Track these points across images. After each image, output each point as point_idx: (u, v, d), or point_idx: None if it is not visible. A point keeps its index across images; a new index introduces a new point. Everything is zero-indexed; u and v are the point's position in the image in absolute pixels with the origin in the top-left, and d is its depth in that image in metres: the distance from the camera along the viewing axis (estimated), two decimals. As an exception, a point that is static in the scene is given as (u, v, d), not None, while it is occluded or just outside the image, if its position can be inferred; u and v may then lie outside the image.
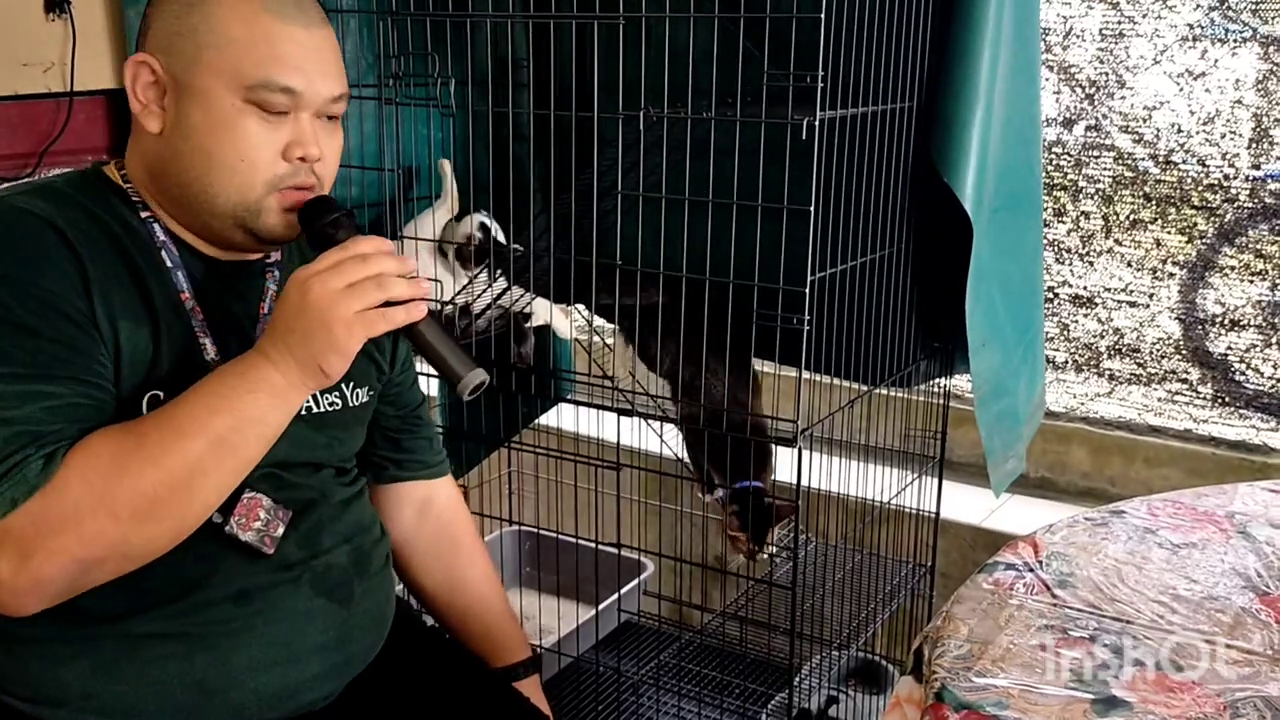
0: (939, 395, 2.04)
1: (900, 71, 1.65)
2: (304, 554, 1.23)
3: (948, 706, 0.96)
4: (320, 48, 1.17)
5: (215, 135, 1.13)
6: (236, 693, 1.17)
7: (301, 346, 1.07)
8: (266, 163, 1.15)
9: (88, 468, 1.02)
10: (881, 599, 2.03)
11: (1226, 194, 2.19)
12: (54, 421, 1.03)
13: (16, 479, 1.00)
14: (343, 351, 1.07)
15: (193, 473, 1.04)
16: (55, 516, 1.00)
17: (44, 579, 1.02)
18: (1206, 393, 2.28)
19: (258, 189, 1.15)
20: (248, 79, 1.12)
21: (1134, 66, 2.23)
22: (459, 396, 1.15)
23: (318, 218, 1.15)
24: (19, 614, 1.05)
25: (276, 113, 1.14)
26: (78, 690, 1.12)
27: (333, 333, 1.06)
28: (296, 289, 1.07)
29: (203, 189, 1.15)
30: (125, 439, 1.04)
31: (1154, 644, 1.06)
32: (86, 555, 1.02)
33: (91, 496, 1.01)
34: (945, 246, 1.78)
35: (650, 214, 1.64)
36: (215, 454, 1.05)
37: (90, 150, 1.81)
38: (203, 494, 1.07)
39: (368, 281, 1.07)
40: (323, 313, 1.06)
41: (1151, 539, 1.28)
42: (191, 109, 1.13)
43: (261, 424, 1.08)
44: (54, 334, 1.06)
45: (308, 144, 1.16)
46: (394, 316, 1.08)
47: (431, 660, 1.42)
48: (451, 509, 1.55)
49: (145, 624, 1.13)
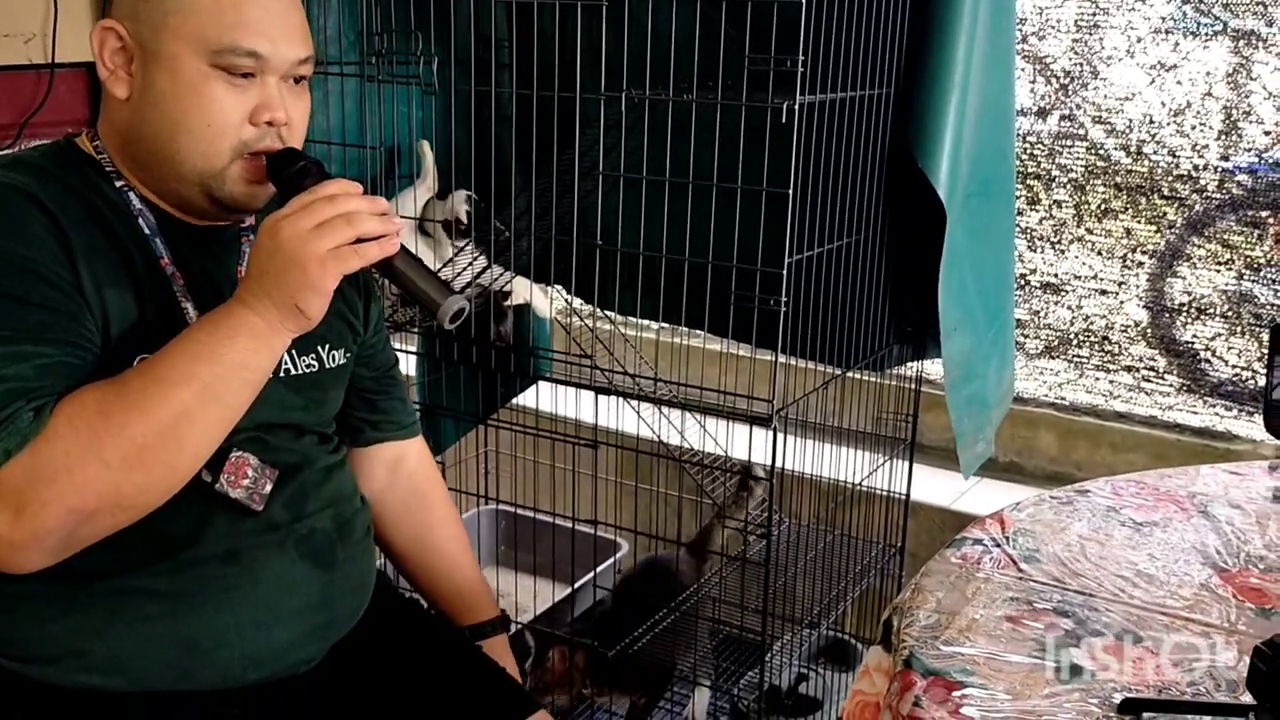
0: (910, 379, 2.07)
1: (878, 58, 1.67)
2: (289, 516, 1.25)
3: (915, 673, 0.99)
4: (285, 10, 1.18)
5: (182, 101, 1.14)
6: (223, 652, 1.19)
7: (277, 289, 1.08)
8: (233, 127, 1.16)
9: (76, 417, 1.03)
10: (851, 578, 2.07)
11: (1195, 185, 2.23)
12: (43, 379, 1.05)
13: (9, 430, 1.02)
14: (319, 289, 1.08)
15: (179, 419, 1.06)
16: (47, 466, 1.02)
17: (41, 531, 1.03)
18: (1173, 380, 2.33)
19: (225, 154, 1.16)
20: (213, 44, 1.13)
21: (1107, 58, 2.26)
22: (439, 324, 1.15)
23: (285, 167, 1.16)
24: (21, 570, 1.06)
25: (243, 75, 1.15)
26: (68, 648, 1.14)
27: (307, 271, 1.06)
28: (267, 234, 1.08)
29: (170, 154, 1.16)
30: (110, 389, 1.06)
31: (1115, 616, 1.10)
32: (80, 504, 1.04)
33: (80, 445, 1.03)
34: (919, 232, 1.81)
35: (630, 195, 1.66)
36: (201, 400, 1.07)
37: (71, 122, 1.80)
38: (192, 442, 1.08)
39: (338, 219, 1.07)
40: (295, 252, 1.06)
41: (1115, 517, 1.31)
42: (158, 74, 1.14)
43: (245, 368, 1.09)
44: (41, 300, 1.07)
45: (274, 107, 1.17)
46: (367, 252, 1.09)
47: (411, 628, 1.45)
48: (423, 469, 1.57)
49: (135, 581, 1.15)
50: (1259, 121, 2.14)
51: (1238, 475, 1.45)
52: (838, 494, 2.01)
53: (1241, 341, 2.25)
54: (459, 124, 1.88)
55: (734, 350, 1.92)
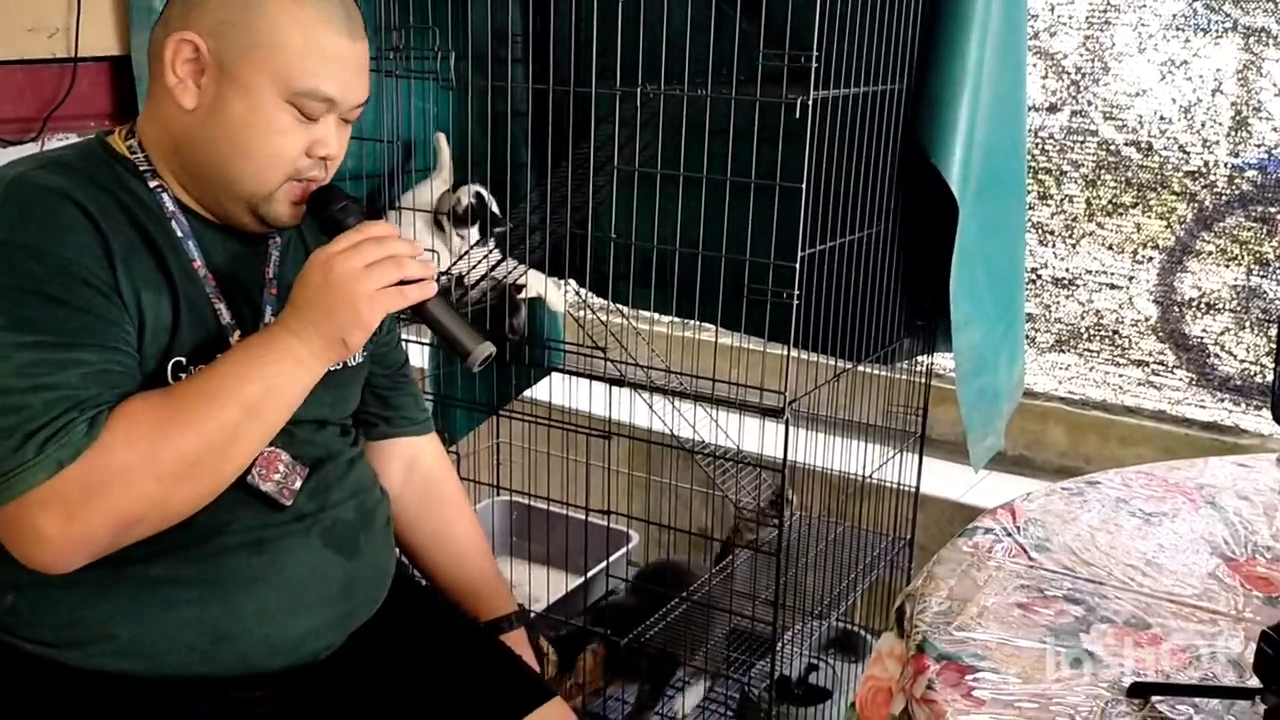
0: (921, 373, 2.09)
1: (891, 53, 1.69)
2: (314, 506, 1.28)
3: (928, 657, 1.01)
4: (360, 59, 1.24)
5: (252, 130, 1.18)
6: (247, 639, 1.22)
7: (326, 322, 1.14)
8: (292, 158, 1.21)
9: (131, 432, 1.07)
10: (861, 570, 2.08)
11: (1205, 181, 2.24)
12: (90, 387, 1.08)
13: (63, 442, 1.04)
14: (366, 325, 1.15)
15: (228, 436, 1.11)
16: (101, 478, 1.06)
17: (87, 537, 1.07)
18: (1182, 374, 2.34)
19: (277, 180, 1.21)
20: (294, 85, 1.18)
21: (1118, 54, 2.28)
22: (468, 369, 1.20)
23: (328, 205, 1.22)
24: (58, 571, 1.09)
25: (311, 118, 1.20)
26: (96, 632, 1.17)
27: (356, 309, 1.13)
28: (319, 269, 1.14)
29: (225, 173, 1.20)
30: (163, 404, 1.10)
31: (1124, 604, 1.11)
32: (129, 514, 1.08)
33: (135, 459, 1.07)
34: (930, 226, 1.83)
35: (643, 190, 1.68)
36: (247, 419, 1.12)
37: (94, 116, 1.82)
38: (236, 455, 1.14)
39: (386, 261, 1.14)
40: (346, 290, 1.13)
41: (1124, 508, 1.33)
42: (233, 98, 1.18)
43: (287, 391, 1.15)
44: (81, 304, 1.10)
45: (330, 145, 1.23)
46: (409, 294, 1.16)
47: (428, 617, 1.47)
48: (438, 466, 1.60)
49: (163, 568, 1.18)
50: (1268, 118, 2.16)
51: (1245, 467, 1.46)
52: (847, 486, 2.03)
53: (1250, 336, 2.26)
54: (474, 119, 1.90)
55: (744, 344, 1.93)
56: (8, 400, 1.05)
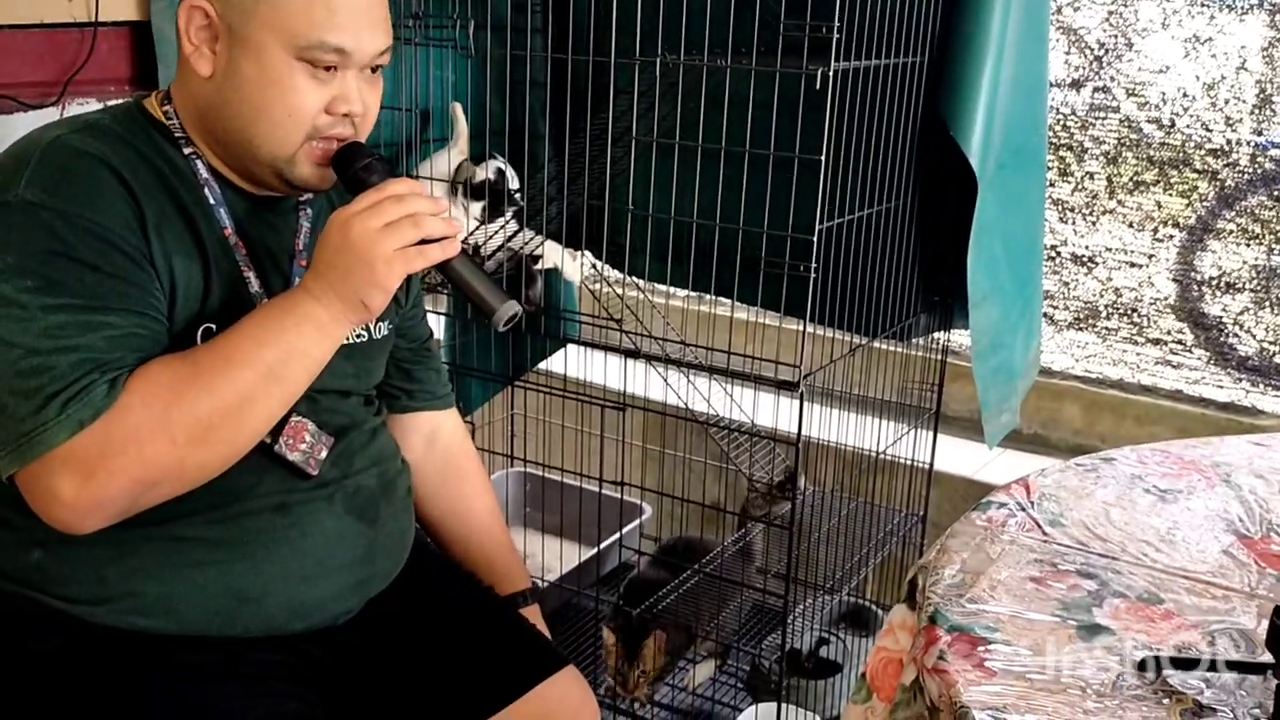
0: (936, 349, 2.08)
1: (912, 25, 1.67)
2: (337, 473, 1.29)
3: (940, 628, 1.01)
4: (370, 6, 1.21)
5: (266, 90, 1.17)
6: (269, 601, 1.23)
7: (344, 283, 1.12)
8: (310, 116, 1.19)
9: (148, 393, 1.08)
10: (873, 545, 2.08)
11: (1227, 159, 2.22)
12: (115, 350, 1.09)
13: (84, 402, 1.05)
14: (384, 287, 1.13)
15: (244, 400, 1.11)
16: (118, 439, 1.06)
17: (104, 499, 1.08)
18: (1200, 354, 2.33)
19: (298, 140, 1.20)
20: (301, 38, 1.16)
21: (1142, 30, 2.25)
22: (494, 328, 1.19)
23: (351, 163, 1.20)
24: (78, 532, 1.10)
25: (326, 67, 1.18)
26: (120, 589, 1.18)
27: (374, 270, 1.11)
28: (337, 229, 1.13)
29: (248, 136, 1.20)
30: (181, 367, 1.10)
31: (1137, 579, 1.11)
32: (145, 476, 1.08)
33: (152, 420, 1.07)
34: (948, 201, 1.82)
35: (660, 162, 1.67)
36: (264, 383, 1.12)
37: (113, 81, 1.83)
38: (253, 421, 1.14)
39: (404, 220, 1.12)
40: (364, 251, 1.11)
41: (1139, 484, 1.32)
42: (244, 60, 1.17)
43: (306, 356, 1.14)
44: (112, 269, 1.11)
45: (352, 100, 1.20)
46: (430, 253, 1.14)
47: (444, 586, 1.48)
48: (457, 440, 1.60)
49: (189, 528, 1.19)
50: (1294, 96, 2.14)
51: (1262, 446, 1.45)
52: (861, 462, 2.03)
53: (1270, 316, 2.24)
54: (492, 88, 1.89)
55: (759, 319, 1.93)
56: (34, 361, 1.06)
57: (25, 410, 1.06)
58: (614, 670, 1.91)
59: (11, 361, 1.06)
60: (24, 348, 1.06)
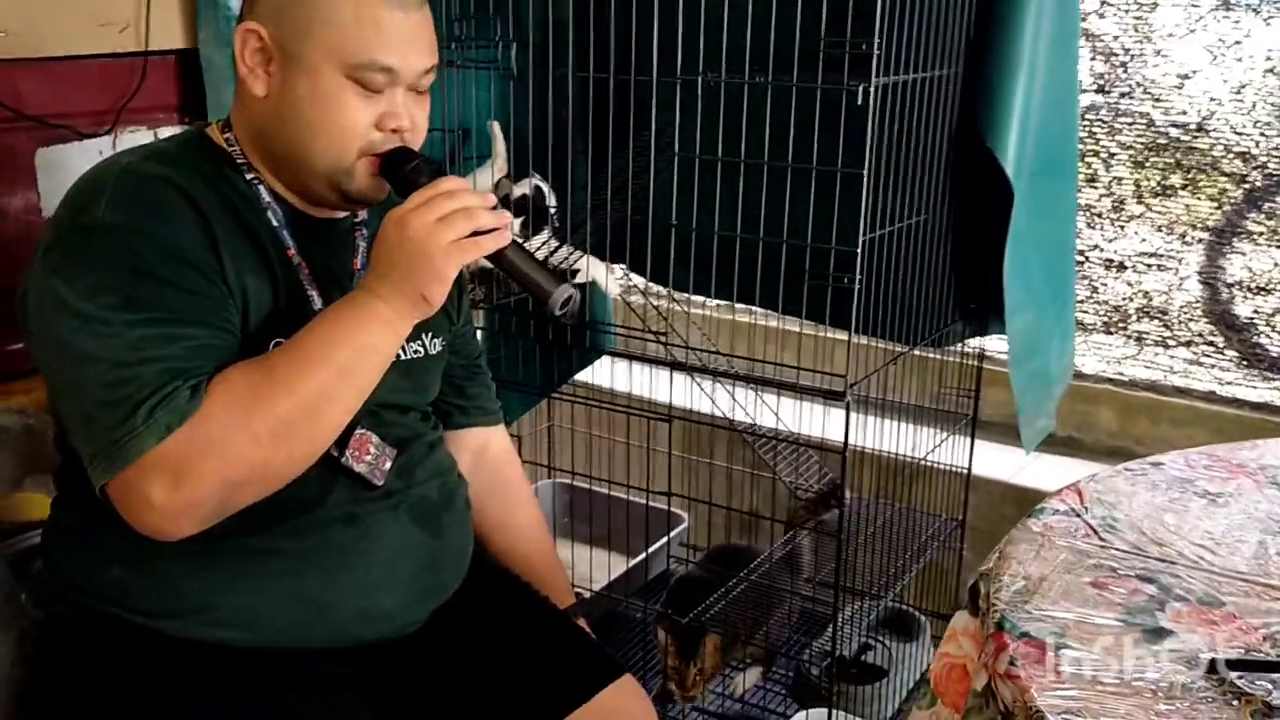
0: (971, 356, 2.10)
1: (946, 38, 1.70)
2: (401, 484, 1.33)
3: (1008, 634, 1.03)
4: (419, 26, 1.25)
5: (318, 107, 1.21)
6: (341, 610, 1.27)
7: (404, 279, 1.16)
8: (362, 132, 1.23)
9: (229, 397, 1.12)
10: (915, 551, 2.11)
11: (1255, 162, 2.24)
12: (194, 359, 1.13)
13: (169, 408, 1.09)
14: (442, 279, 1.16)
15: (320, 398, 1.15)
16: (203, 441, 1.10)
17: (195, 501, 1.11)
18: (1231, 355, 2.34)
19: (352, 155, 1.23)
20: (351, 58, 1.20)
21: (1168, 34, 2.27)
22: (549, 313, 1.22)
23: (400, 166, 1.24)
24: (170, 537, 1.13)
25: (374, 90, 1.22)
26: (198, 603, 1.22)
27: (432, 261, 1.15)
28: (394, 226, 1.16)
29: (303, 153, 1.24)
30: (258, 371, 1.14)
31: (1196, 582, 1.13)
32: (232, 476, 1.12)
33: (235, 422, 1.11)
34: (983, 210, 1.84)
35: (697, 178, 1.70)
36: (338, 380, 1.16)
37: (162, 108, 1.87)
38: (330, 417, 1.17)
39: (457, 213, 1.15)
40: (422, 244, 1.15)
41: (1189, 488, 1.35)
42: (297, 80, 1.21)
43: (374, 351, 1.18)
44: (188, 284, 1.15)
45: (400, 117, 1.24)
46: (484, 244, 1.17)
47: (502, 596, 1.51)
48: (505, 456, 1.64)
49: (262, 541, 1.23)
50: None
51: (1307, 448, 1.47)
52: (899, 469, 2.05)
53: (1302, 317, 2.26)
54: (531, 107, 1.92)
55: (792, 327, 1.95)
56: (121, 373, 1.10)
57: (114, 419, 1.09)
58: (670, 669, 1.93)
59: (98, 375, 1.11)
60: (110, 361, 1.10)
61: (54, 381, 1.18)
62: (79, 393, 1.13)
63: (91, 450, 1.12)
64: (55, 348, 1.14)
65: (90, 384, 1.11)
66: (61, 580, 1.28)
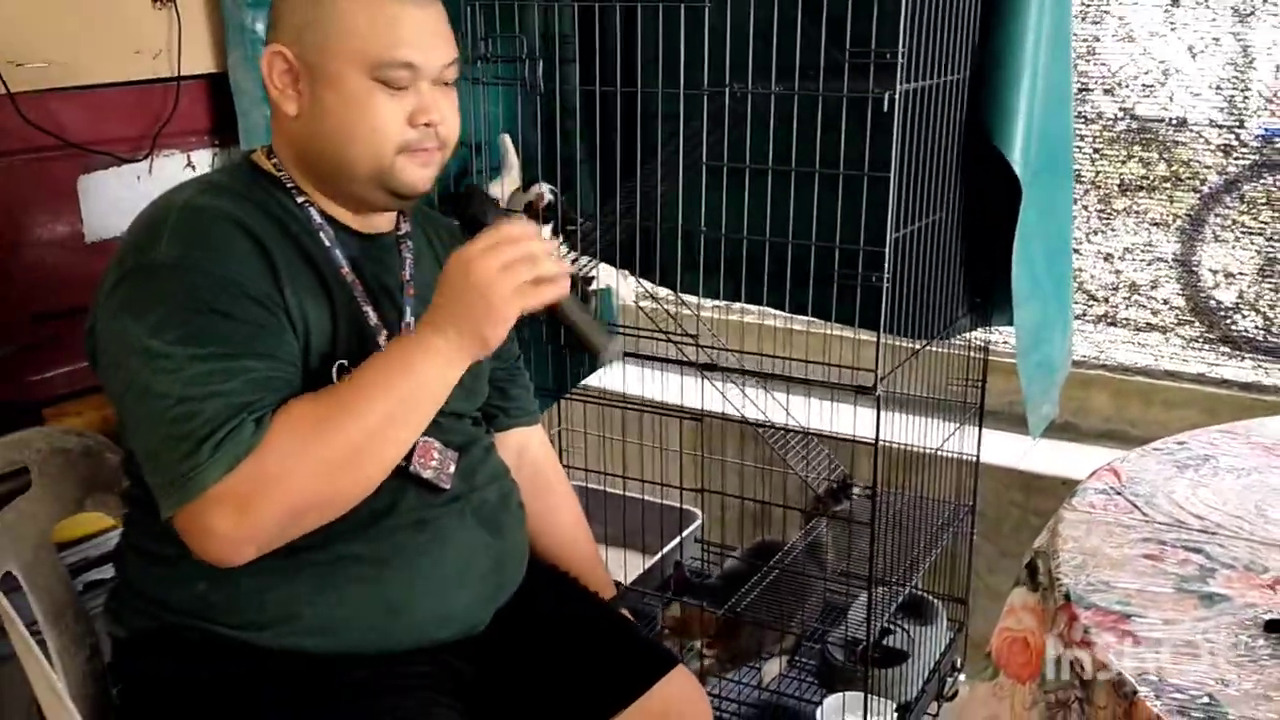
0: (976, 348, 2.18)
1: (958, 44, 1.78)
2: (464, 488, 1.38)
3: (1076, 606, 1.10)
4: (434, 21, 1.31)
5: (349, 113, 1.26)
6: (419, 613, 1.32)
7: (466, 320, 1.21)
8: (396, 130, 1.28)
9: (293, 428, 1.16)
10: (930, 538, 2.18)
11: (1233, 153, 2.34)
12: (256, 392, 1.17)
13: (235, 441, 1.13)
14: (503, 323, 1.21)
15: (380, 429, 1.19)
16: (268, 472, 1.14)
17: (258, 530, 1.16)
18: (1216, 338, 2.45)
19: (390, 153, 1.28)
20: (373, 60, 1.25)
21: (1150, 33, 2.37)
22: (598, 365, 1.28)
23: (468, 205, 1.33)
24: (232, 565, 1.18)
25: (400, 87, 1.27)
26: (283, 613, 1.26)
27: (493, 307, 1.20)
28: (459, 269, 1.21)
29: (343, 160, 1.28)
30: (320, 403, 1.19)
31: (1240, 551, 1.21)
32: (295, 505, 1.16)
33: (298, 453, 1.15)
34: (989, 207, 1.92)
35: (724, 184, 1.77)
36: (399, 412, 1.20)
37: (195, 132, 1.90)
38: (389, 449, 1.22)
39: (521, 261, 1.21)
40: (485, 289, 1.19)
41: (1216, 465, 1.43)
42: (325, 91, 1.26)
43: (433, 385, 1.23)
44: (248, 318, 1.19)
45: (429, 110, 1.29)
46: (544, 293, 1.22)
47: (557, 593, 1.56)
48: (544, 455, 1.70)
49: (341, 549, 1.27)
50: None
51: (1316, 425, 1.57)
52: (911, 459, 2.12)
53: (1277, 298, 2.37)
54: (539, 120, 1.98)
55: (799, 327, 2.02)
56: (185, 408, 1.14)
57: (180, 454, 1.13)
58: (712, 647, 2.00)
59: (164, 410, 1.14)
60: (174, 396, 1.14)
61: (123, 415, 1.23)
62: (146, 427, 1.17)
63: (158, 482, 1.16)
64: (123, 384, 1.18)
65: (156, 419, 1.15)
66: (142, 597, 1.32)
